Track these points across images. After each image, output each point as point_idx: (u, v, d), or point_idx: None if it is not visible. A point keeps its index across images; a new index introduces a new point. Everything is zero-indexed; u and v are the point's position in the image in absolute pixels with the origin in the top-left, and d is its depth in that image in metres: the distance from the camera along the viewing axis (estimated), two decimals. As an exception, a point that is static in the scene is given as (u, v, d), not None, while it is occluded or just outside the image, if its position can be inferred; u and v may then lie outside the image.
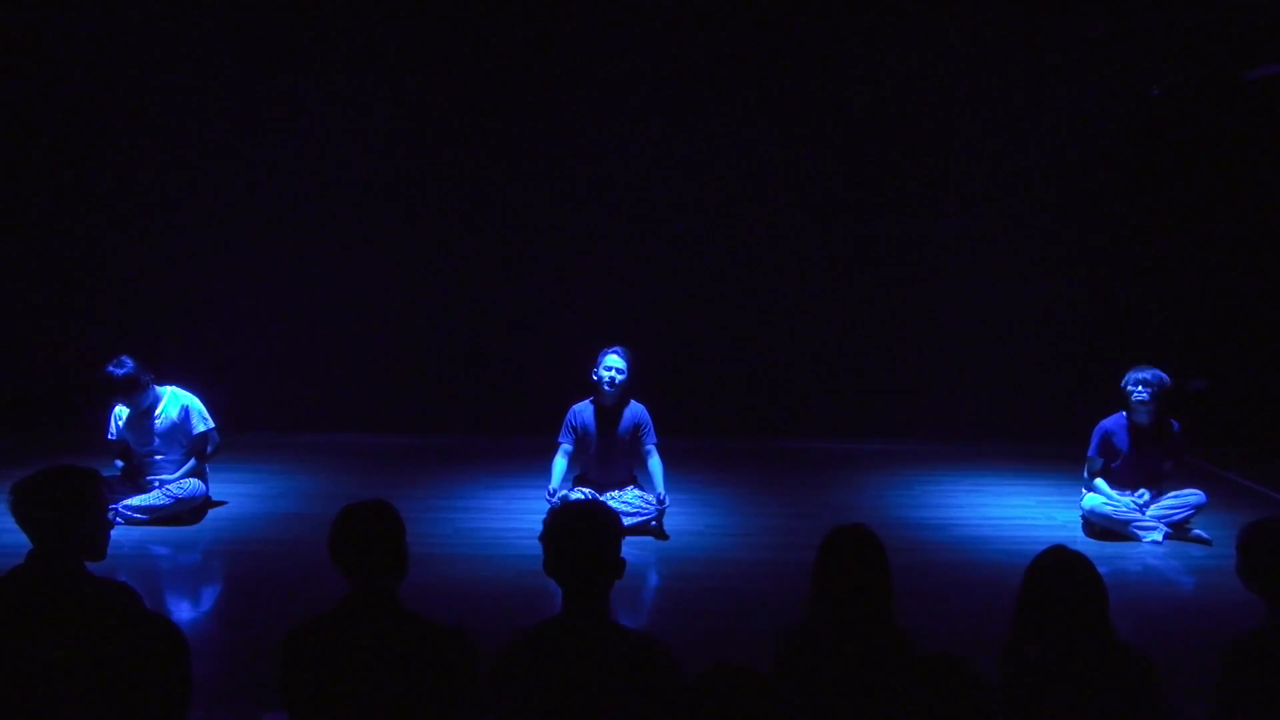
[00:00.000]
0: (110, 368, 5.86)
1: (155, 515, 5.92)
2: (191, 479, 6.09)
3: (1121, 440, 6.10)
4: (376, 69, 8.47)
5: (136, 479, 6.11)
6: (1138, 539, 5.90)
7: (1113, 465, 6.15)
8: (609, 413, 6.08)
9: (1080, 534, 6.11)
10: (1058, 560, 2.91)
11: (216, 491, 6.37)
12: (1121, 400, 6.10)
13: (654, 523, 5.93)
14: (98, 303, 8.55)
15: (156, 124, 8.51)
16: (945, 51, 8.53)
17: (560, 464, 6.05)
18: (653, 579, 5.42)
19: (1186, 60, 8.29)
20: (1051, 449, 7.60)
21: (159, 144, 8.53)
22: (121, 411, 6.10)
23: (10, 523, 2.88)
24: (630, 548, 2.81)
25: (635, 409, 6.10)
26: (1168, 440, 6.11)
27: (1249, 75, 8.02)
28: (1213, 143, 8.54)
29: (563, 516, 2.78)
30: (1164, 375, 5.96)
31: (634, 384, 6.06)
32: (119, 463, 6.19)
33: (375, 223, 8.75)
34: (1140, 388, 5.93)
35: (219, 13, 8.28)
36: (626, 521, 5.55)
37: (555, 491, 5.89)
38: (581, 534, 2.69)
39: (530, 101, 8.66)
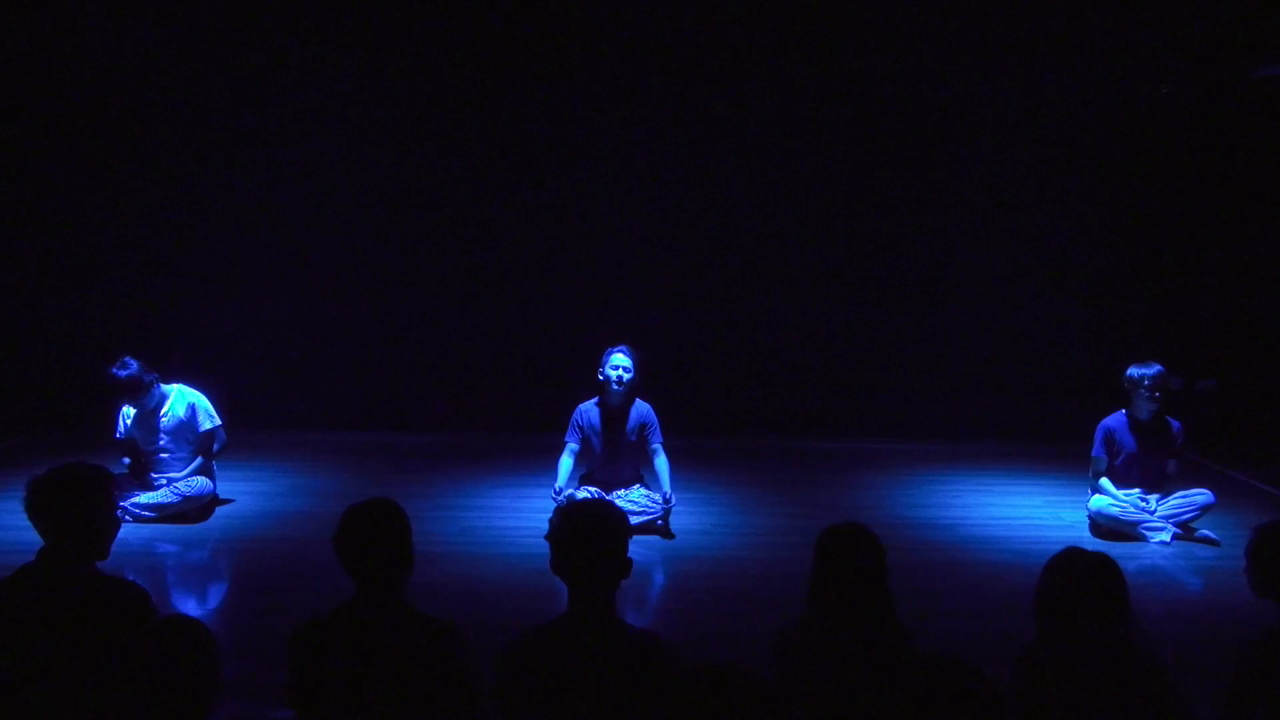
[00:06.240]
0: (114, 369, 5.87)
1: (163, 513, 5.93)
2: (199, 477, 6.10)
3: (1125, 437, 6.09)
4: (382, 67, 8.49)
5: (144, 476, 6.13)
6: (1145, 539, 5.89)
7: (1116, 464, 6.13)
8: (615, 412, 6.07)
9: (1088, 534, 6.09)
10: (1069, 564, 2.83)
11: (224, 489, 6.38)
12: (1123, 397, 6.09)
13: (660, 522, 5.92)
14: (104, 301, 8.58)
15: (161, 123, 8.53)
16: (952, 52, 8.51)
17: (566, 463, 6.04)
18: (658, 578, 5.42)
19: (1195, 59, 8.26)
20: (1059, 449, 7.58)
21: (162, 143, 8.56)
22: (129, 411, 6.11)
23: (22, 519, 2.89)
24: (636, 547, 2.81)
25: (641, 408, 6.09)
26: (1168, 437, 6.10)
27: (1258, 74, 7.99)
28: (1221, 141, 8.51)
29: (570, 515, 2.78)
30: (1164, 369, 5.98)
31: (640, 383, 6.05)
32: (126, 460, 6.21)
33: (384, 222, 8.77)
34: (1147, 382, 5.93)
35: (220, 12, 8.29)
36: (632, 520, 5.54)
37: (561, 490, 5.89)
38: (589, 533, 2.69)
39: (538, 101, 8.67)
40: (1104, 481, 6.12)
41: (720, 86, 8.68)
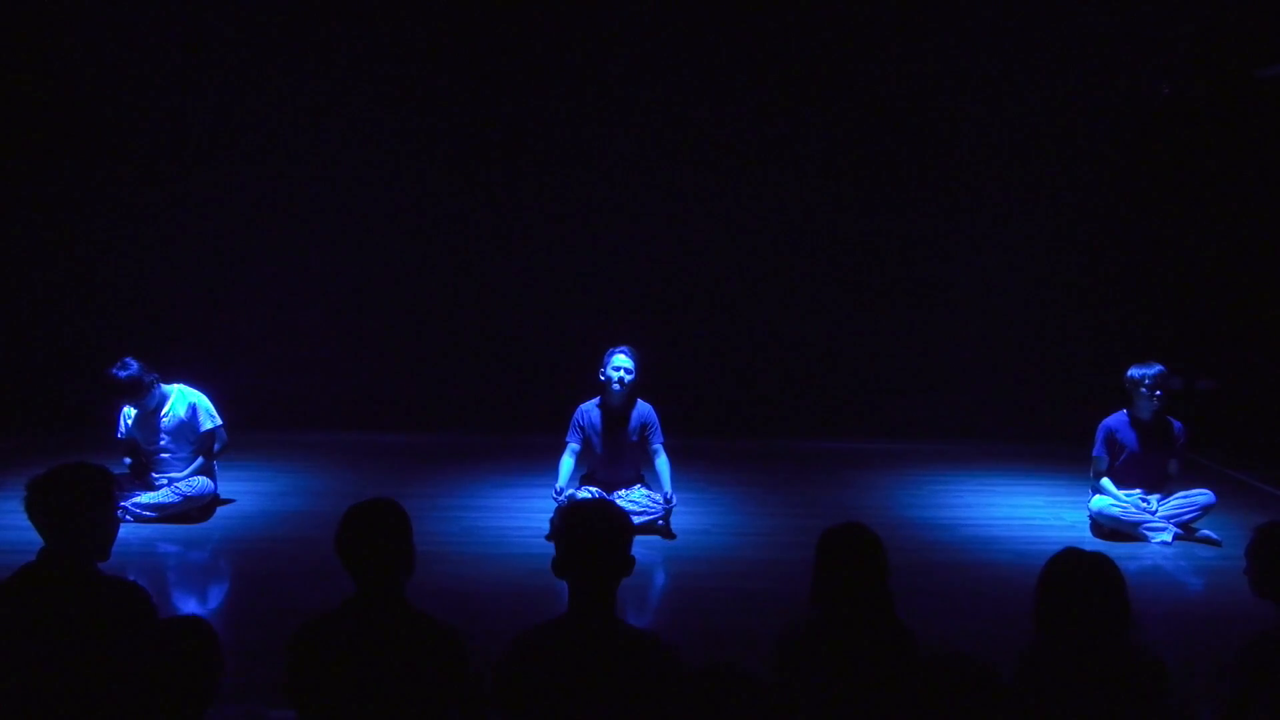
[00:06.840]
0: (114, 370, 5.87)
1: (164, 513, 5.94)
2: (200, 477, 6.11)
3: (1127, 436, 6.09)
4: (382, 66, 8.49)
5: (145, 476, 6.13)
6: (1147, 540, 5.89)
7: (1117, 463, 6.13)
8: (616, 413, 6.07)
9: (1088, 534, 6.09)
10: (1070, 565, 2.84)
11: (225, 489, 6.39)
12: (1124, 397, 6.09)
13: (661, 522, 5.92)
14: (104, 301, 8.58)
15: (161, 122, 8.54)
16: (953, 50, 8.52)
17: (567, 463, 6.04)
18: (659, 578, 5.42)
19: (1197, 59, 8.26)
20: (1059, 449, 7.57)
21: (163, 143, 8.56)
22: (130, 411, 6.12)
23: (22, 519, 2.89)
24: (637, 547, 2.81)
25: (642, 408, 6.09)
26: (1170, 437, 6.10)
27: (1260, 74, 7.99)
28: (1223, 142, 8.51)
29: (573, 515, 2.77)
30: (1165, 369, 5.98)
31: (641, 383, 6.05)
32: (127, 460, 6.21)
33: (385, 221, 8.78)
34: (1148, 381, 5.93)
35: (222, 12, 8.29)
36: (633, 520, 5.54)
37: (562, 490, 5.89)
38: (592, 533, 2.68)
39: (537, 100, 8.68)
40: (1105, 482, 6.11)
41: (721, 87, 8.68)
